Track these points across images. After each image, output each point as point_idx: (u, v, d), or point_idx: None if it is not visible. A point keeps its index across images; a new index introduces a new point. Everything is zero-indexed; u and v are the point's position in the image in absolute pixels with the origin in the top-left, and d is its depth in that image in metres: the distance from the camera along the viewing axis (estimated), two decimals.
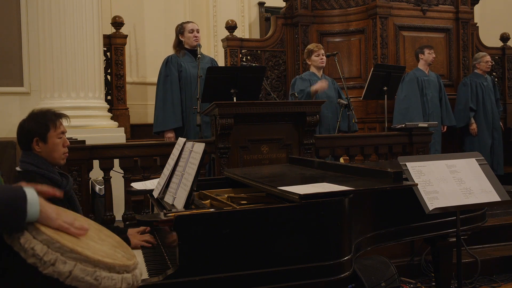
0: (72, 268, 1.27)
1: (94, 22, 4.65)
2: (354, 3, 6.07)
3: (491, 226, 4.08)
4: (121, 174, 3.56)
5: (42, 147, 2.26)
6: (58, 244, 1.28)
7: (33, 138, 2.25)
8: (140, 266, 1.52)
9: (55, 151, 2.29)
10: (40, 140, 2.26)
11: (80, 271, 1.28)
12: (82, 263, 1.29)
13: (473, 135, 5.90)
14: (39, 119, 2.29)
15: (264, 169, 3.08)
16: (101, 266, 1.31)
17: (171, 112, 4.43)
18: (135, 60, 6.69)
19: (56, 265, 1.25)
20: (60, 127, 2.32)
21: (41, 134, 2.26)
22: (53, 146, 2.28)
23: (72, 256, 1.28)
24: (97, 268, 1.30)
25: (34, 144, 2.26)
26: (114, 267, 1.35)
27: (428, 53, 5.63)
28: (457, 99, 5.99)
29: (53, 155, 2.29)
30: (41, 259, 1.25)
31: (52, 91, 4.57)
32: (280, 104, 3.75)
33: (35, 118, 2.29)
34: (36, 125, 2.26)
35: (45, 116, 2.30)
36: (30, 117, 2.30)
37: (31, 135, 2.25)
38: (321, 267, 1.77)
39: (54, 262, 1.25)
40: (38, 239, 1.27)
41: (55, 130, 2.29)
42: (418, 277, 3.78)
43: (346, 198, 1.85)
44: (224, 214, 1.75)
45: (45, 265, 1.25)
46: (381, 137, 4.25)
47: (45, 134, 2.26)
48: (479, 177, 2.30)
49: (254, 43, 6.29)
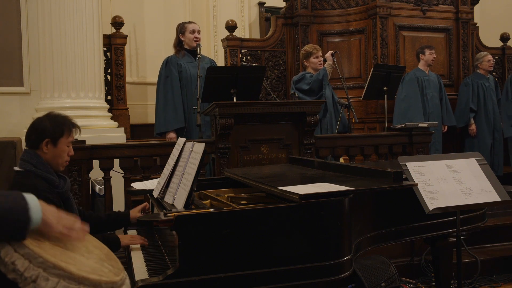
0: (54, 285, 1.21)
1: (94, 22, 4.64)
2: (354, 3, 6.08)
3: (491, 226, 4.09)
4: (121, 174, 3.56)
5: (50, 150, 2.25)
6: (40, 259, 1.22)
7: (45, 139, 2.24)
8: (128, 281, 1.46)
9: (60, 157, 2.29)
10: (50, 142, 2.25)
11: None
12: (65, 280, 1.22)
13: (471, 136, 5.91)
14: (57, 121, 2.28)
15: (264, 169, 3.08)
16: (86, 283, 1.25)
17: (173, 113, 4.43)
18: (135, 60, 6.69)
19: (38, 281, 1.19)
20: (72, 136, 2.32)
21: (54, 136, 2.25)
22: (60, 152, 2.28)
23: (55, 272, 1.22)
24: (82, 286, 1.24)
25: (43, 145, 2.24)
26: (100, 284, 1.28)
27: (429, 54, 5.63)
28: (458, 99, 5.99)
29: (57, 160, 2.28)
30: (21, 274, 1.19)
31: (52, 91, 4.57)
32: (280, 104, 3.75)
33: (53, 120, 2.28)
34: (52, 127, 2.25)
35: (64, 120, 2.30)
36: (48, 117, 2.29)
37: (44, 135, 2.24)
38: (321, 267, 1.77)
39: (36, 278, 1.19)
40: (20, 252, 1.21)
41: (67, 137, 2.29)
42: (418, 277, 3.78)
43: (346, 198, 1.85)
44: (224, 214, 1.75)
45: (26, 281, 1.19)
46: (381, 137, 4.25)
47: (57, 138, 2.26)
48: (479, 177, 2.30)
49: (254, 43, 6.29)
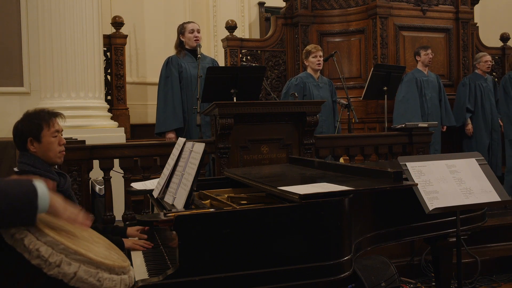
0: (76, 269, 1.28)
1: (94, 22, 4.64)
2: (354, 3, 6.07)
3: (491, 226, 4.08)
4: (121, 174, 3.56)
5: (37, 147, 2.26)
6: (62, 246, 1.29)
7: (27, 138, 2.25)
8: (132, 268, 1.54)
9: (50, 150, 2.28)
10: (34, 140, 2.25)
11: (84, 272, 1.29)
12: (85, 265, 1.30)
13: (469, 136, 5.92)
14: (32, 119, 2.28)
15: (264, 169, 3.08)
16: (102, 268, 1.33)
17: (172, 113, 4.43)
18: (135, 60, 6.69)
19: (62, 266, 1.27)
20: (54, 126, 2.30)
21: (34, 133, 2.25)
22: (48, 145, 2.27)
23: (76, 258, 1.30)
24: (99, 270, 1.32)
25: (29, 144, 2.25)
26: (114, 268, 1.37)
27: (424, 54, 5.63)
28: (456, 99, 6.00)
29: (48, 154, 2.28)
30: (46, 260, 1.26)
31: (52, 91, 4.57)
32: (280, 104, 3.75)
33: (29, 118, 2.28)
34: (29, 125, 2.26)
35: (38, 115, 2.29)
36: (23, 118, 2.30)
37: (25, 135, 2.25)
38: (321, 267, 1.77)
39: (60, 263, 1.27)
40: (42, 240, 1.28)
41: (48, 129, 2.28)
42: (418, 277, 3.78)
43: (346, 198, 1.85)
44: (224, 214, 1.75)
45: (50, 266, 1.26)
46: (381, 137, 4.25)
47: (38, 134, 2.25)
48: (479, 177, 2.30)
49: (254, 43, 6.28)
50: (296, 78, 4.90)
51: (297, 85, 4.77)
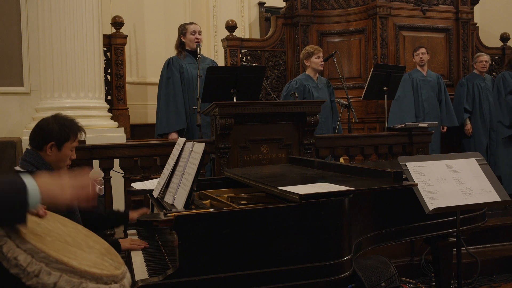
0: (57, 279, 1.22)
1: (94, 22, 4.64)
2: (354, 3, 6.08)
3: (491, 226, 4.08)
4: (121, 174, 3.56)
5: (54, 153, 2.24)
6: (42, 253, 1.23)
7: (50, 142, 2.22)
8: (128, 275, 1.47)
9: (63, 161, 2.28)
10: (55, 146, 2.23)
11: (66, 282, 1.23)
12: (67, 274, 1.24)
13: (468, 136, 5.92)
14: (63, 126, 2.25)
15: (264, 169, 3.08)
16: (87, 277, 1.27)
17: (175, 114, 4.43)
18: (135, 60, 6.69)
19: (40, 276, 1.21)
20: (77, 141, 2.31)
21: (59, 140, 2.23)
22: (64, 156, 2.26)
23: (57, 267, 1.23)
24: (83, 279, 1.26)
25: (48, 147, 2.22)
26: (102, 277, 1.30)
27: (415, 55, 5.68)
28: (454, 99, 6.01)
29: (59, 164, 2.27)
30: (24, 269, 1.20)
31: (52, 91, 4.57)
32: (280, 104, 3.75)
33: (61, 123, 2.25)
34: (58, 131, 2.23)
35: (71, 126, 2.27)
36: (55, 120, 2.26)
37: (49, 138, 2.22)
38: (321, 267, 1.77)
39: (38, 273, 1.21)
40: (22, 248, 1.23)
41: (72, 142, 2.27)
42: (418, 277, 3.78)
43: (346, 198, 1.85)
44: (224, 214, 1.75)
45: (29, 276, 1.20)
46: (381, 137, 4.25)
47: (62, 143, 2.24)
48: (479, 177, 2.30)
49: (254, 43, 6.29)
50: (296, 81, 4.83)
51: (297, 88, 4.73)
